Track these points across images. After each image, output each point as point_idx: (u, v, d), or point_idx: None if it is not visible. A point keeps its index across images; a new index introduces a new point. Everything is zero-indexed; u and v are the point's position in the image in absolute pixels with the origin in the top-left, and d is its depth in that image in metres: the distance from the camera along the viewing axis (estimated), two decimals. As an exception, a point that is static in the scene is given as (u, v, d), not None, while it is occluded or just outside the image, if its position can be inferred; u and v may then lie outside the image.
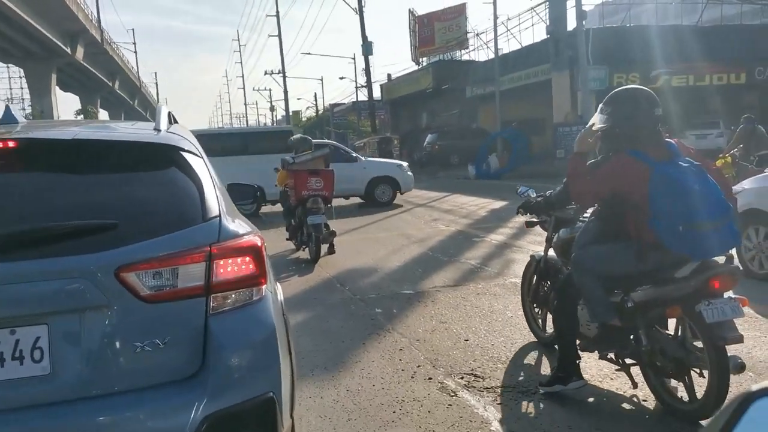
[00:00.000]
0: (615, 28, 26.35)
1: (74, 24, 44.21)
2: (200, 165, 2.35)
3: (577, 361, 3.48)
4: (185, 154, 2.33)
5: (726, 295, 3.04)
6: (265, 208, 12.99)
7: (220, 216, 2.20)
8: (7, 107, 2.58)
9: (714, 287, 3.00)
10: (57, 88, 51.60)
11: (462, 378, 3.88)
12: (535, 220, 4.32)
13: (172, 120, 2.74)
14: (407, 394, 3.67)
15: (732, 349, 4.01)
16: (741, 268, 3.18)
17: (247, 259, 2.17)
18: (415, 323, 5.09)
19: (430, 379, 3.89)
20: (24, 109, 58.87)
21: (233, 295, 2.13)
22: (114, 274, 1.97)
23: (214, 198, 2.25)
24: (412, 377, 3.93)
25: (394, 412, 3.45)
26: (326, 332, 5.00)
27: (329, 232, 8.35)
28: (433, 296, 5.95)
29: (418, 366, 4.11)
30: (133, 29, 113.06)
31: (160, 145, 2.36)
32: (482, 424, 3.27)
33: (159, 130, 2.45)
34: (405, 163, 16.84)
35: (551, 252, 4.14)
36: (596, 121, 3.36)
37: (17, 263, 1.92)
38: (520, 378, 3.85)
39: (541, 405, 3.47)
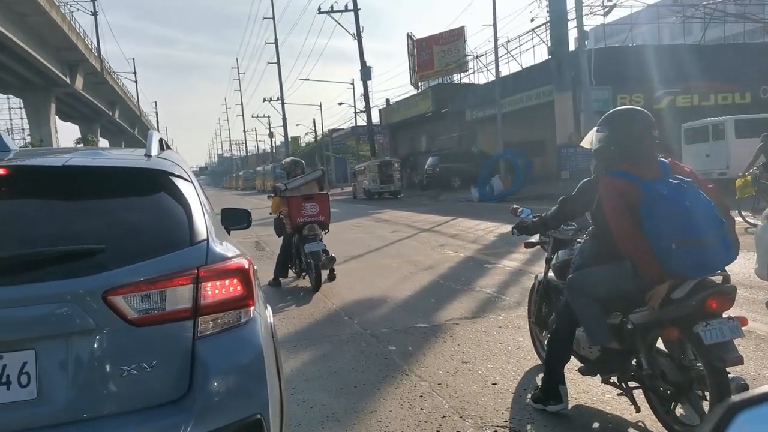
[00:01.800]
0: (617, 48, 26.16)
1: (74, 54, 44.15)
2: (189, 190, 2.38)
3: (560, 386, 3.46)
4: (175, 179, 2.36)
5: (725, 314, 2.95)
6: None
7: (207, 239, 2.23)
8: None
9: (711, 307, 2.91)
10: (56, 117, 51.41)
11: (495, 432, 3.39)
12: (534, 240, 4.24)
13: (163, 146, 2.81)
14: (434, 452, 3.17)
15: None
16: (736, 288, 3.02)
17: (235, 281, 2.19)
18: (434, 363, 4.59)
19: (458, 432, 3.39)
20: (24, 138, 58.74)
21: (221, 318, 2.14)
22: (102, 298, 1.98)
23: (203, 222, 2.28)
24: (438, 431, 3.43)
25: (420, 476, 2.95)
26: (336, 375, 4.50)
27: (328, 258, 7.89)
28: (450, 330, 5.45)
29: (443, 416, 3.61)
30: (133, 58, 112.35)
31: (150, 170, 2.39)
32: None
33: (149, 156, 2.50)
34: None
35: (551, 273, 4.04)
36: (592, 139, 3.34)
37: (5, 288, 1.94)
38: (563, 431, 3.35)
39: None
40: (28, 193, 2.21)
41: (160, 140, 2.77)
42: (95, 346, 1.97)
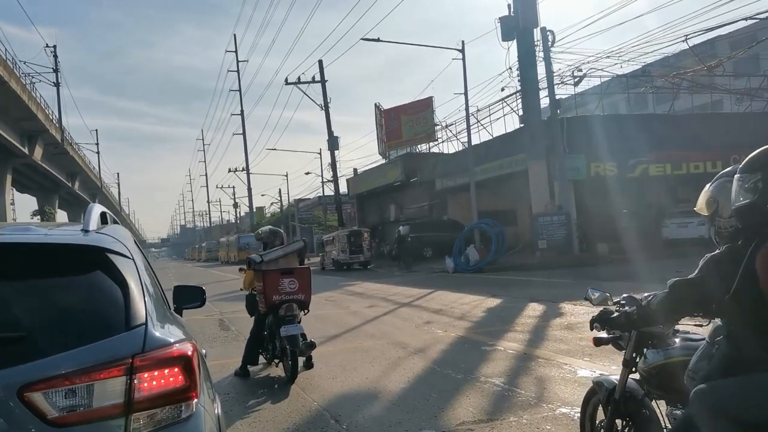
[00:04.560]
0: (589, 117, 26.27)
1: (34, 124, 43.10)
2: (129, 268, 2.21)
3: None
4: (113, 256, 2.19)
5: None
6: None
7: (146, 323, 2.04)
8: None
9: None
10: (13, 189, 49.75)
11: None
12: (606, 336, 3.10)
13: (107, 220, 2.68)
14: None
15: None
16: None
17: (176, 370, 2.00)
18: (456, 492, 3.56)
19: None
20: (-24, 211, 56.52)
21: (158, 414, 1.94)
22: (17, 394, 1.79)
23: (142, 303, 2.10)
24: None
25: None
26: None
27: (307, 344, 6.75)
28: (466, 440, 4.43)
29: None
30: (96, 130, 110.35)
31: (85, 246, 2.24)
32: None
33: (87, 231, 2.35)
34: None
35: (632, 379, 3.04)
36: (731, 192, 2.38)
37: None
38: None
39: None
40: None
41: (102, 213, 2.61)
42: None
